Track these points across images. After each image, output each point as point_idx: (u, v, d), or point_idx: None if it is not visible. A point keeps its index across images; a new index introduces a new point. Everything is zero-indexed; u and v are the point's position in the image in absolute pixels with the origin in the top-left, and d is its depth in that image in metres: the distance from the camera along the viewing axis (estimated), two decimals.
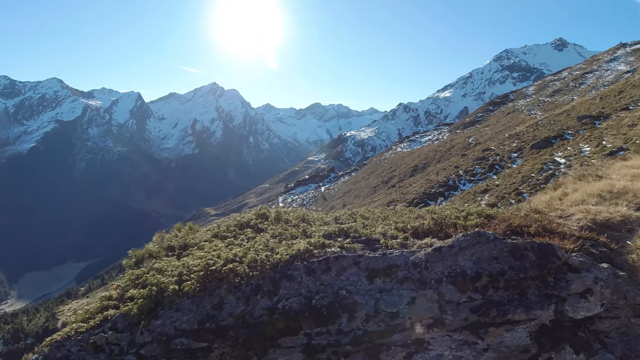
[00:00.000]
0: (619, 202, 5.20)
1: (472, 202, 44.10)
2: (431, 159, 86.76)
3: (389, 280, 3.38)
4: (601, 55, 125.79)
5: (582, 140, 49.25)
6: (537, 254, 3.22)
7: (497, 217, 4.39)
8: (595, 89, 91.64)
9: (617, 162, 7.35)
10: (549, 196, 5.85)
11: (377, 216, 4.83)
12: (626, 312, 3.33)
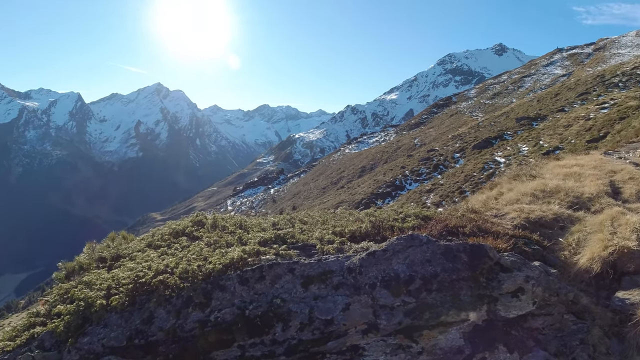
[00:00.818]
0: (552, 200, 5.40)
1: (418, 201, 45.17)
2: (379, 160, 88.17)
3: (324, 287, 3.33)
4: (539, 59, 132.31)
5: (520, 140, 51.51)
6: (469, 255, 3.26)
7: (434, 218, 4.44)
8: (533, 91, 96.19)
9: (550, 162, 7.67)
10: (486, 196, 6.02)
11: (317, 220, 4.77)
12: (559, 308, 3.43)
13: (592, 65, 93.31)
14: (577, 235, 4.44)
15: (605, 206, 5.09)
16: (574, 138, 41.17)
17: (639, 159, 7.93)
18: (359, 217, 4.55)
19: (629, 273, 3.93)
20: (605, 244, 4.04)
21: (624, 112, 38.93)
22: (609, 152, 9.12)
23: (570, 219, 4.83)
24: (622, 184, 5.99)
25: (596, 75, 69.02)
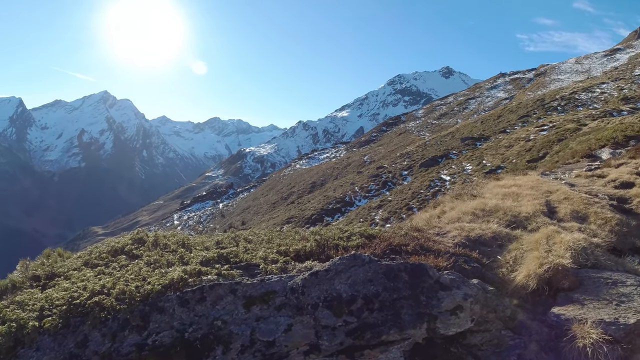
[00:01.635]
0: (491, 219, 5.59)
1: (367, 218, 45.73)
2: (329, 176, 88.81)
3: (266, 308, 3.27)
4: (483, 83, 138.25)
5: (465, 159, 53.36)
6: (410, 274, 3.30)
7: (378, 237, 4.49)
8: (477, 113, 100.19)
9: (490, 182, 7.96)
10: (429, 214, 6.16)
11: (262, 239, 4.70)
12: (496, 324, 3.51)
13: (533, 89, 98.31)
14: (515, 253, 4.61)
15: (541, 225, 5.32)
16: (515, 158, 43.08)
17: (574, 180, 8.36)
18: (305, 236, 4.52)
19: (564, 289, 4.10)
20: (541, 262, 4.21)
21: (562, 134, 41.16)
22: (546, 173, 9.57)
23: (508, 237, 5.01)
24: (558, 204, 6.29)
25: (537, 99, 72.75)
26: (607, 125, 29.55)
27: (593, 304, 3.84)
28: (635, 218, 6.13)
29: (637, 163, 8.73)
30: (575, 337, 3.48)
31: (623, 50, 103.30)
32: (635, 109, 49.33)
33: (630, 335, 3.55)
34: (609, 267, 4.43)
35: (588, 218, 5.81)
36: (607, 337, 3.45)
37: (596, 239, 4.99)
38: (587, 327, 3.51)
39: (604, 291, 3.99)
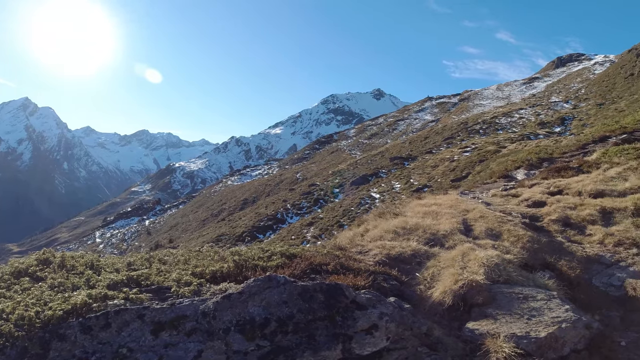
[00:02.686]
0: (411, 237, 5.70)
1: (299, 235, 45.68)
2: (261, 193, 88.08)
3: (175, 333, 3.08)
4: (411, 106, 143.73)
5: (394, 178, 54.89)
6: (325, 295, 3.25)
7: (299, 256, 4.42)
8: (406, 134, 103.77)
9: (413, 201, 8.17)
10: (353, 232, 6.20)
11: (178, 259, 4.48)
12: (412, 342, 3.53)
13: (457, 113, 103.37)
14: (432, 270, 4.71)
15: (457, 242, 5.49)
16: (440, 177, 44.90)
17: (491, 199, 8.76)
18: (223, 256, 4.36)
19: (478, 305, 4.22)
20: (456, 278, 4.32)
21: (483, 155, 43.44)
22: (465, 192, 9.98)
23: (427, 255, 5.12)
24: (474, 222, 6.53)
25: (461, 122, 76.52)
26: (525, 148, 31.56)
27: (505, 318, 3.97)
28: (546, 235, 6.49)
29: (549, 183, 9.31)
30: (489, 352, 3.56)
31: (541, 79, 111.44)
32: (551, 133, 53.10)
33: (542, 348, 3.69)
34: (521, 282, 4.62)
35: (502, 235, 6.08)
36: (519, 350, 3.56)
37: (509, 255, 5.21)
38: (500, 342, 3.61)
39: (515, 306, 4.13)
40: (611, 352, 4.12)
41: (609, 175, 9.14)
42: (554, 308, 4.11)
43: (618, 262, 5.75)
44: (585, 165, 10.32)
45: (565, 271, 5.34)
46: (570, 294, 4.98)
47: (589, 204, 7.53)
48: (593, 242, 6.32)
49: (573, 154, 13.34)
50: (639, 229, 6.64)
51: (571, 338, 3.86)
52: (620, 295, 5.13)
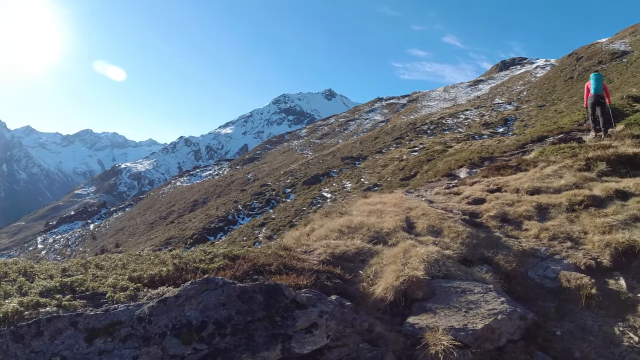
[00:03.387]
0: (356, 235, 5.77)
1: (250, 236, 45.32)
2: (211, 194, 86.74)
3: (110, 340, 2.97)
4: (362, 106, 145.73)
5: (345, 177, 55.40)
6: (265, 296, 3.23)
7: (243, 257, 4.37)
8: (357, 134, 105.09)
9: (359, 200, 8.28)
10: (299, 232, 6.22)
11: (116, 264, 4.32)
12: (354, 338, 3.56)
13: (406, 114, 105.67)
14: (375, 267, 4.79)
15: (400, 240, 5.60)
16: (390, 176, 45.73)
17: (434, 197, 8.99)
18: (163, 260, 4.25)
19: (419, 299, 4.32)
20: (398, 275, 4.41)
21: (431, 155, 44.58)
22: (410, 191, 10.21)
23: (371, 253, 5.20)
24: (417, 220, 6.69)
25: (409, 123, 78.23)
26: (470, 148, 32.65)
27: (444, 312, 4.09)
28: (485, 231, 6.73)
29: (489, 181, 9.66)
30: (428, 345, 3.65)
31: (485, 82, 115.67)
32: (495, 133, 55.18)
33: (479, 340, 3.81)
34: (459, 276, 4.77)
35: (443, 232, 6.26)
36: (457, 342, 3.66)
37: (448, 251, 5.36)
38: (439, 335, 3.71)
39: (454, 299, 4.26)
40: (546, 341, 4.31)
41: (546, 173, 9.59)
42: (490, 301, 4.26)
43: (553, 255, 6.03)
44: (523, 164, 10.79)
45: (502, 265, 5.56)
46: (507, 286, 5.18)
47: (526, 200, 7.88)
48: (529, 237, 6.61)
49: (513, 153, 13.92)
50: (572, 223, 7.00)
51: (507, 329, 4.00)
52: (555, 287, 5.37)
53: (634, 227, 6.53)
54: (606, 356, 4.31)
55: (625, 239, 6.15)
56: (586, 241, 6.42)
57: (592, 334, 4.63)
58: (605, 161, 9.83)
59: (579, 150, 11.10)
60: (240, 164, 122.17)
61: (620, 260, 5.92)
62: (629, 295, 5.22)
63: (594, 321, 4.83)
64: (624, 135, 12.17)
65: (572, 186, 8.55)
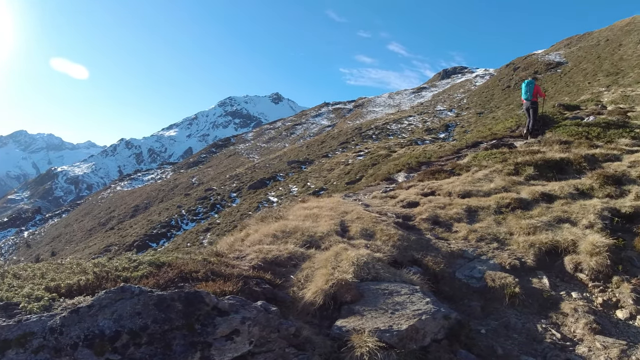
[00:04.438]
0: (289, 240, 5.79)
1: (194, 242, 44.36)
2: (154, 199, 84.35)
3: (22, 351, 2.84)
4: (309, 110, 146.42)
5: (291, 181, 55.41)
6: (184, 303, 3.18)
7: (170, 265, 4.27)
8: (303, 138, 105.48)
9: (296, 204, 8.30)
10: (234, 238, 6.16)
11: (34, 274, 4.11)
12: (280, 343, 3.56)
13: (352, 119, 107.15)
14: (307, 271, 4.82)
15: (333, 243, 5.67)
16: (336, 180, 46.15)
17: (371, 201, 9.16)
18: (84, 269, 4.09)
19: (347, 302, 4.38)
20: (328, 278, 4.46)
21: (375, 159, 45.39)
22: (349, 195, 10.35)
23: (303, 257, 5.23)
24: (351, 223, 6.80)
25: (355, 128, 79.38)
26: (412, 152, 33.53)
27: (371, 314, 4.16)
28: (416, 233, 6.93)
29: (423, 185, 9.96)
30: (354, 347, 3.70)
31: (428, 89, 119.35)
32: (436, 139, 56.93)
33: (403, 340, 3.90)
34: (388, 278, 4.88)
35: (375, 235, 6.39)
36: (382, 343, 3.72)
37: (378, 254, 5.48)
38: (365, 337, 3.77)
39: (381, 301, 4.35)
40: (470, 340, 4.45)
41: (477, 177, 10.00)
42: (415, 301, 4.38)
43: (479, 256, 6.29)
44: (457, 168, 11.20)
45: (430, 266, 5.75)
46: (435, 287, 5.35)
47: (457, 203, 8.18)
48: (458, 238, 6.87)
49: (448, 158, 14.42)
50: (499, 225, 7.34)
51: (431, 329, 4.12)
52: (480, 286, 5.59)
53: (557, 228, 6.92)
54: (529, 352, 4.50)
55: (549, 239, 6.51)
56: (512, 242, 6.74)
57: (515, 331, 4.83)
58: (533, 166, 10.37)
59: (509, 155, 11.66)
60: (184, 168, 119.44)
61: (543, 259, 6.25)
62: (551, 293, 5.51)
63: (518, 319, 5.05)
64: (553, 141, 12.88)
65: (501, 189, 8.97)
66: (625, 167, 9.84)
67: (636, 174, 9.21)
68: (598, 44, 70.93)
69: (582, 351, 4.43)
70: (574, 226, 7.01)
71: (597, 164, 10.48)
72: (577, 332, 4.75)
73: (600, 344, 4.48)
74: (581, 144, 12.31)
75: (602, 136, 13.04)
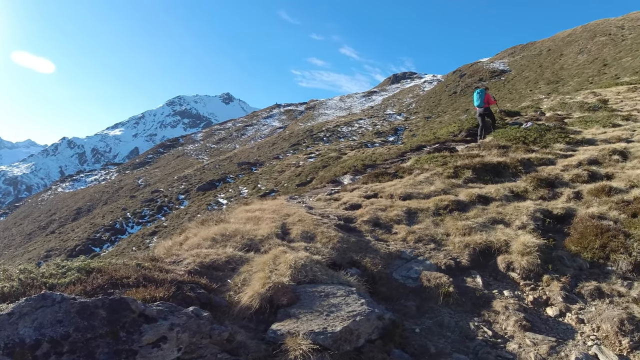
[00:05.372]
0: (228, 243, 5.75)
1: (140, 245, 43.11)
2: (97, 201, 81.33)
3: None
4: (260, 112, 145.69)
5: (241, 183, 54.91)
6: (108, 311, 3.11)
7: (100, 270, 4.16)
8: (254, 140, 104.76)
9: (239, 207, 8.26)
10: (172, 242, 6.06)
11: None
12: (211, 349, 3.54)
13: (303, 121, 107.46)
14: (244, 275, 4.81)
15: (272, 246, 5.68)
16: (286, 182, 46.14)
17: (315, 203, 9.24)
18: (10, 275, 3.92)
19: (283, 306, 4.39)
20: (264, 282, 4.47)
21: (326, 161, 45.72)
22: (293, 197, 10.40)
23: (242, 260, 5.21)
24: (292, 226, 6.84)
25: (306, 130, 79.70)
26: (362, 155, 34.00)
27: (307, 316, 4.20)
28: (356, 235, 7.05)
29: (367, 187, 10.14)
30: (288, 350, 3.73)
31: (378, 93, 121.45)
32: (386, 142, 58.06)
33: (337, 342, 3.96)
34: (325, 281, 4.94)
35: (316, 237, 6.46)
36: (316, 346, 3.76)
37: (317, 256, 5.53)
38: (299, 339, 3.80)
39: (317, 303, 4.39)
40: (404, 339, 4.56)
41: (418, 180, 10.28)
42: (351, 303, 4.46)
43: (417, 257, 6.47)
44: (400, 171, 11.47)
45: (369, 267, 5.86)
46: (373, 288, 5.46)
47: (398, 205, 8.38)
48: (397, 240, 7.04)
49: (393, 161, 14.75)
50: (437, 226, 7.58)
51: (365, 329, 4.20)
52: (416, 286, 5.74)
53: (491, 229, 7.22)
54: (461, 350, 4.64)
55: (483, 239, 6.78)
56: (448, 242, 6.97)
57: (449, 330, 4.99)
58: (472, 169, 10.76)
59: (450, 159, 12.07)
60: (130, 169, 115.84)
61: (478, 259, 6.50)
62: (484, 292, 5.73)
63: (452, 317, 5.22)
64: (492, 146, 13.41)
65: (441, 192, 9.27)
66: (559, 170, 10.37)
67: (569, 177, 9.73)
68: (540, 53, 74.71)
69: (513, 348, 4.59)
70: (508, 227, 7.30)
71: (533, 167, 10.98)
72: (508, 330, 4.93)
73: (530, 340, 4.66)
74: (518, 149, 12.88)
75: (539, 141, 13.65)
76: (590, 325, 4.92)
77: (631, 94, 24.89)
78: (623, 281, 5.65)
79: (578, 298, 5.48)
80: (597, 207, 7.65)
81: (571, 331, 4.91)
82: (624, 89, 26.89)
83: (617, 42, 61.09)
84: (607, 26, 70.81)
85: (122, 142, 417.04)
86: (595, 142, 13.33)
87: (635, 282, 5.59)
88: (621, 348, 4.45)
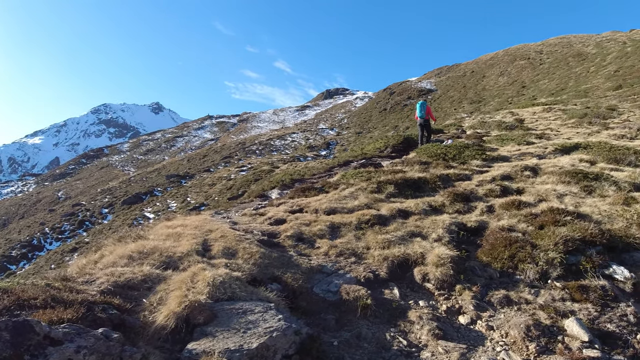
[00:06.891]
0: (146, 261, 5.61)
1: (60, 263, 40.59)
2: (13, 215, 75.80)
3: None
4: (191, 123, 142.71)
5: (170, 196, 53.36)
6: (12, 333, 3.00)
7: (6, 291, 3.96)
8: (184, 151, 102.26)
9: (160, 223, 8.08)
10: (87, 260, 5.83)
11: None
12: None
13: (236, 133, 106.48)
14: (161, 294, 4.73)
15: (192, 264, 5.62)
16: (217, 196, 45.36)
17: (240, 218, 9.23)
18: None
19: (200, 324, 4.37)
20: (181, 300, 4.43)
21: (258, 174, 45.49)
22: (219, 212, 10.31)
23: (159, 279, 5.11)
24: (214, 242, 6.79)
25: (239, 142, 79.00)
26: (294, 169, 34.20)
27: (223, 334, 4.21)
28: (279, 250, 7.12)
29: (293, 202, 10.26)
30: None
31: (311, 108, 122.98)
32: (318, 156, 58.69)
33: (254, 358, 3.98)
34: (244, 297, 4.97)
35: (237, 253, 6.46)
36: None
37: (237, 272, 5.54)
38: (214, 358, 3.81)
39: (234, 321, 4.41)
40: (321, 352, 4.65)
41: (343, 195, 10.54)
42: (268, 319, 4.52)
43: (338, 271, 6.63)
44: (327, 186, 11.69)
45: (290, 282, 5.94)
46: (293, 303, 5.54)
47: (322, 220, 8.55)
48: (319, 254, 7.19)
49: (321, 176, 15.00)
50: (359, 240, 7.80)
51: (282, 345, 4.27)
52: (336, 299, 5.87)
53: (409, 242, 7.55)
54: None
55: (401, 252, 7.07)
56: (368, 256, 7.21)
57: (366, 341, 5.15)
58: (394, 184, 11.19)
59: (374, 174, 12.48)
60: (49, 180, 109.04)
61: (396, 271, 6.77)
62: (400, 303, 5.97)
63: (369, 329, 5.39)
64: (414, 162, 14.01)
65: (364, 206, 9.56)
66: (474, 185, 11.01)
67: (483, 191, 10.35)
68: (464, 74, 79.07)
69: (426, 356, 4.80)
70: (425, 240, 7.67)
71: (451, 182, 11.58)
72: (422, 338, 5.15)
73: (442, 348, 4.89)
74: (438, 165, 13.54)
75: (458, 158, 14.40)
76: (499, 332, 5.21)
77: (546, 114, 26.96)
78: (530, 289, 6.04)
79: (488, 306, 5.81)
80: (507, 219, 8.17)
81: (481, 338, 5.18)
82: (539, 109, 29.09)
83: (536, 65, 65.95)
84: (526, 51, 76.44)
85: (42, 152, 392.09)
86: (509, 158, 14.28)
87: (541, 290, 6.00)
88: (528, 353, 4.72)
